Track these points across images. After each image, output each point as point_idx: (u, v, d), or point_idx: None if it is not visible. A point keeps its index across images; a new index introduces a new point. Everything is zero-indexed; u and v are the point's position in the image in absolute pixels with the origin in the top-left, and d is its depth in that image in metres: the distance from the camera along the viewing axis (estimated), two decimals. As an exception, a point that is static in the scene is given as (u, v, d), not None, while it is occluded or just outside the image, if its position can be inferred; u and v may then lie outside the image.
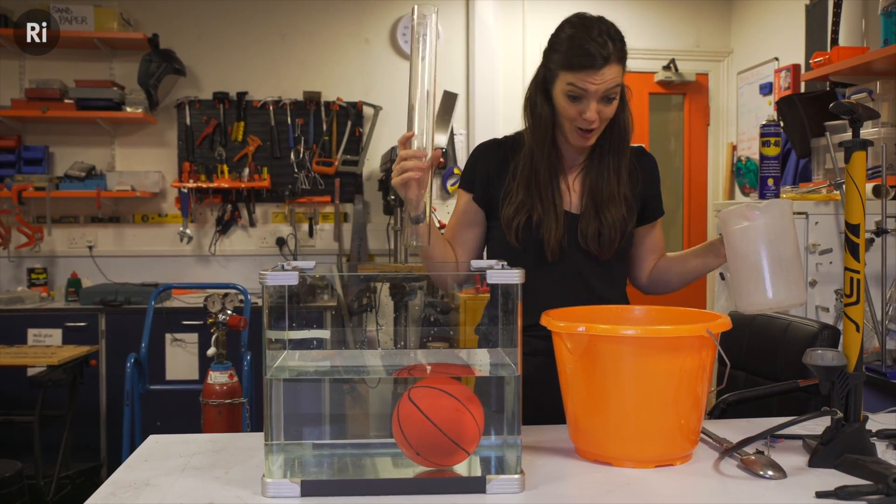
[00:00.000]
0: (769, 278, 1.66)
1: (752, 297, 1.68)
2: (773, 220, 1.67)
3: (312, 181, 5.16)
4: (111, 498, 1.37)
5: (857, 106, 1.59)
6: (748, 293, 1.69)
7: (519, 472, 1.40)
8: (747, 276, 1.68)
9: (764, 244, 1.66)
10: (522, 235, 1.91)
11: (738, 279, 1.71)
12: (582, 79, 1.81)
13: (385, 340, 2.09)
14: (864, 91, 3.45)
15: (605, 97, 1.83)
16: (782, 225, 1.68)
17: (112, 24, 4.80)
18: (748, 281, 1.68)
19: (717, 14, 5.44)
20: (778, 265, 1.66)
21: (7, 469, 3.35)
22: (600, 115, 1.84)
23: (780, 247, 1.67)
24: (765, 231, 1.66)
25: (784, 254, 1.67)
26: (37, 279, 4.94)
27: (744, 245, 1.68)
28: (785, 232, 1.68)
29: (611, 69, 1.81)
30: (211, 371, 3.14)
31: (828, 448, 1.51)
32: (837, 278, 3.14)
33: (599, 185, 1.92)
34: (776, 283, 1.66)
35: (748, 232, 1.67)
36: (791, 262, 1.67)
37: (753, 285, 1.67)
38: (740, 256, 1.70)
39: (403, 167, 1.66)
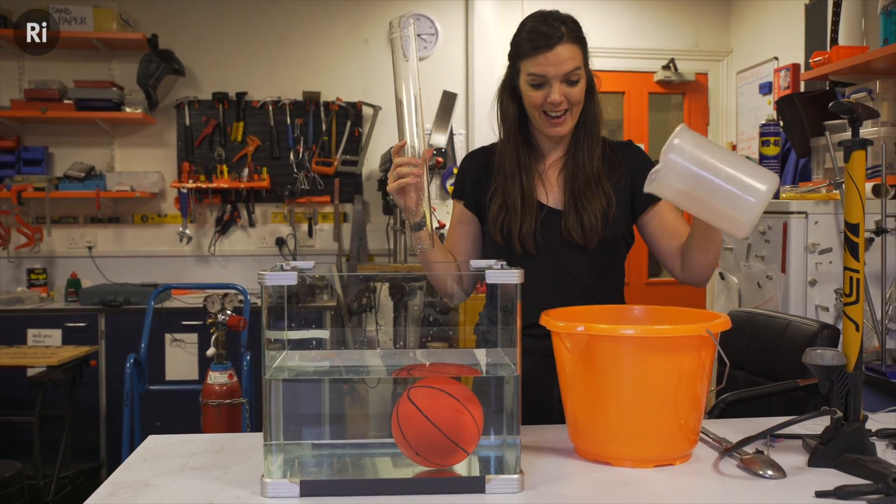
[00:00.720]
0: (741, 181, 1.52)
1: (740, 216, 1.53)
2: (693, 144, 1.54)
3: (312, 181, 5.16)
4: (110, 498, 1.37)
5: (856, 105, 1.59)
6: (738, 211, 1.53)
7: (518, 472, 1.40)
8: (724, 200, 1.53)
9: (704, 167, 1.52)
10: (507, 233, 1.94)
11: (718, 209, 1.55)
12: (540, 63, 1.84)
13: (384, 340, 2.10)
14: (863, 90, 3.44)
15: (566, 80, 1.85)
16: (699, 142, 1.56)
17: (111, 25, 4.80)
18: (727, 202, 1.52)
19: (717, 14, 5.44)
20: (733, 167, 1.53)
21: (7, 469, 3.36)
22: (568, 99, 1.86)
23: (718, 158, 1.54)
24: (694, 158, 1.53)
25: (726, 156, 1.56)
26: (36, 280, 4.94)
27: (694, 182, 1.53)
28: (706, 145, 1.56)
29: (565, 48, 1.83)
30: (210, 371, 3.14)
31: (827, 448, 1.51)
32: (837, 278, 3.14)
33: (576, 175, 1.94)
34: (749, 182, 1.52)
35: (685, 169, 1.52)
36: (736, 158, 1.58)
37: (735, 200, 1.52)
38: (701, 190, 1.54)
39: (399, 173, 1.67)
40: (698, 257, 1.84)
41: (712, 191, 1.53)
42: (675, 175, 1.54)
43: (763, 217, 3.34)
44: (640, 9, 5.37)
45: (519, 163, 1.96)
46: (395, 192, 1.69)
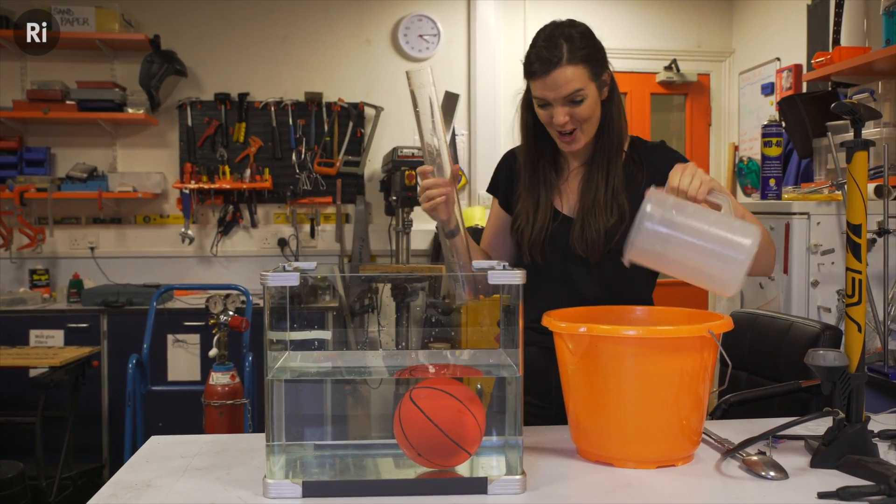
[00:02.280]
0: (722, 240, 1.50)
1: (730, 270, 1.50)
2: (663, 202, 1.52)
3: (314, 182, 5.16)
4: (113, 499, 1.37)
5: (858, 106, 1.59)
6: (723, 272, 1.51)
7: (520, 473, 1.40)
8: (707, 261, 1.51)
9: (682, 223, 1.51)
10: (520, 238, 1.98)
11: (703, 271, 1.54)
12: (539, 87, 1.85)
13: (386, 341, 2.10)
14: (865, 91, 3.44)
15: (569, 101, 1.83)
16: (671, 202, 1.53)
17: (113, 25, 4.80)
18: (711, 263, 1.51)
19: (719, 14, 5.44)
20: (711, 226, 1.51)
21: (9, 470, 3.35)
22: (573, 118, 1.85)
23: (692, 213, 1.52)
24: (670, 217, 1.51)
25: (700, 214, 1.53)
26: (38, 280, 4.94)
27: (674, 249, 1.52)
28: (680, 203, 1.53)
29: (563, 72, 1.81)
30: (212, 372, 3.14)
31: (830, 449, 1.51)
32: (839, 279, 3.14)
33: (590, 187, 1.93)
34: (731, 239, 1.50)
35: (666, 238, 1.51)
36: (711, 215, 1.53)
37: (719, 260, 1.50)
38: (683, 254, 1.52)
39: (429, 196, 1.76)
40: None
41: (696, 252, 1.51)
42: (651, 240, 1.52)
43: (765, 218, 3.36)
44: (642, 9, 5.36)
45: (535, 172, 1.98)
46: (428, 210, 1.78)
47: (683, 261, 1.54)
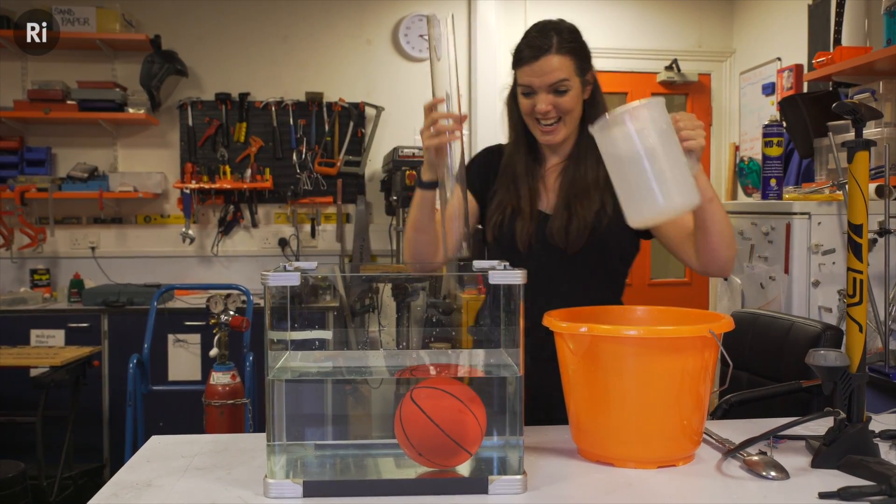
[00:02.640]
0: (666, 181, 1.50)
1: (649, 206, 1.51)
2: (656, 118, 1.52)
3: (314, 182, 5.16)
4: (113, 498, 1.37)
5: (859, 106, 1.59)
6: (643, 202, 1.52)
7: (521, 473, 1.40)
8: (639, 184, 1.51)
9: (651, 144, 1.50)
10: (497, 233, 1.97)
11: (629, 188, 1.54)
12: (526, 74, 1.89)
13: (387, 341, 2.10)
14: (866, 91, 3.44)
15: (554, 89, 1.88)
16: (664, 122, 1.52)
17: (114, 26, 4.81)
18: (640, 189, 1.51)
19: (720, 14, 5.43)
20: (670, 166, 1.50)
21: (10, 470, 3.36)
22: (557, 108, 1.89)
23: (668, 146, 1.51)
24: (650, 130, 1.51)
25: (673, 153, 1.52)
26: (39, 280, 4.95)
27: (628, 148, 1.51)
28: (668, 130, 1.53)
29: (550, 60, 1.87)
30: (213, 372, 3.14)
31: (831, 449, 1.51)
32: (840, 279, 3.14)
33: (573, 181, 1.95)
34: (672, 187, 1.50)
35: (634, 133, 1.50)
36: (680, 161, 1.53)
37: (647, 192, 1.50)
38: (628, 163, 1.52)
39: (440, 127, 1.69)
40: (700, 241, 1.81)
41: (639, 167, 1.51)
42: (621, 134, 1.52)
43: (766, 218, 3.36)
44: (643, 9, 5.36)
45: (525, 169, 2.00)
46: (432, 146, 1.71)
47: (625, 167, 1.53)
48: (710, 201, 1.72)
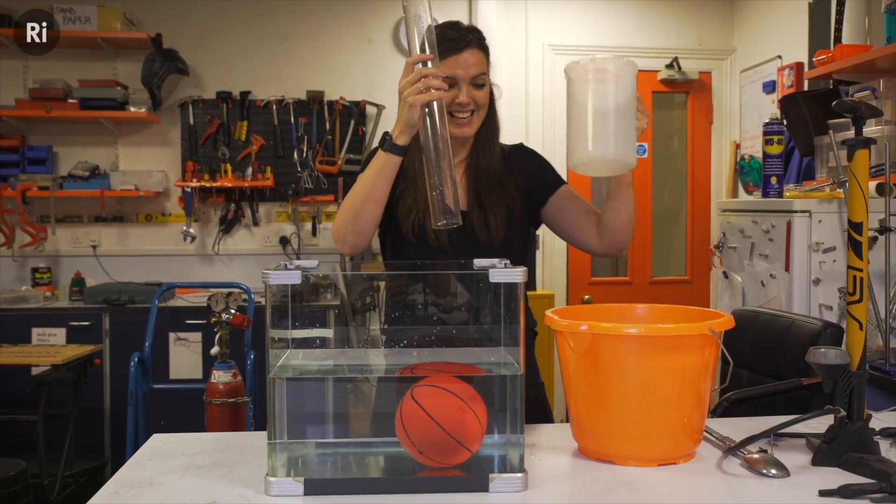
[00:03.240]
0: (623, 135, 1.66)
1: (601, 150, 1.67)
2: (628, 80, 1.67)
3: (315, 180, 5.16)
4: (115, 497, 1.38)
5: (860, 104, 1.59)
6: (595, 146, 1.67)
7: (522, 471, 1.40)
8: (598, 131, 1.66)
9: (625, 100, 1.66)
10: (418, 232, 1.98)
11: (585, 132, 1.68)
12: (450, 66, 1.92)
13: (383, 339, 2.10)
14: (867, 89, 3.44)
15: (474, 82, 1.95)
16: (632, 87, 1.68)
17: (115, 24, 4.81)
18: (599, 134, 1.66)
19: (720, 12, 5.43)
20: (628, 126, 1.67)
21: (11, 468, 3.36)
22: (475, 101, 1.96)
23: (629, 109, 1.67)
24: (616, 86, 1.66)
25: (632, 115, 1.68)
26: (41, 278, 4.95)
27: (595, 98, 1.66)
28: (632, 94, 1.68)
29: (473, 53, 1.95)
30: (214, 370, 3.15)
31: (831, 447, 1.51)
32: (841, 276, 3.14)
33: (479, 176, 2.02)
34: (627, 143, 1.67)
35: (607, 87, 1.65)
36: (633, 125, 1.69)
37: (603, 139, 1.66)
38: (590, 108, 1.67)
39: (428, 84, 1.69)
40: (609, 220, 1.95)
41: (602, 112, 1.64)
42: (596, 82, 1.65)
43: (767, 216, 3.36)
44: (644, 8, 5.36)
45: None
46: (420, 102, 1.68)
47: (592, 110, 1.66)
48: (629, 186, 1.91)
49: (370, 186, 1.84)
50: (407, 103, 1.70)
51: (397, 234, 2.03)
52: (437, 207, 1.66)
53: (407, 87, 1.70)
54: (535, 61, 5.25)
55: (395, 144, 1.78)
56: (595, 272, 5.40)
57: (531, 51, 5.23)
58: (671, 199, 5.64)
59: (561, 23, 5.25)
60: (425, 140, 1.68)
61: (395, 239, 2.06)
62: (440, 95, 1.69)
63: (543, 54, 5.24)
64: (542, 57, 5.24)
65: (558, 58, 5.25)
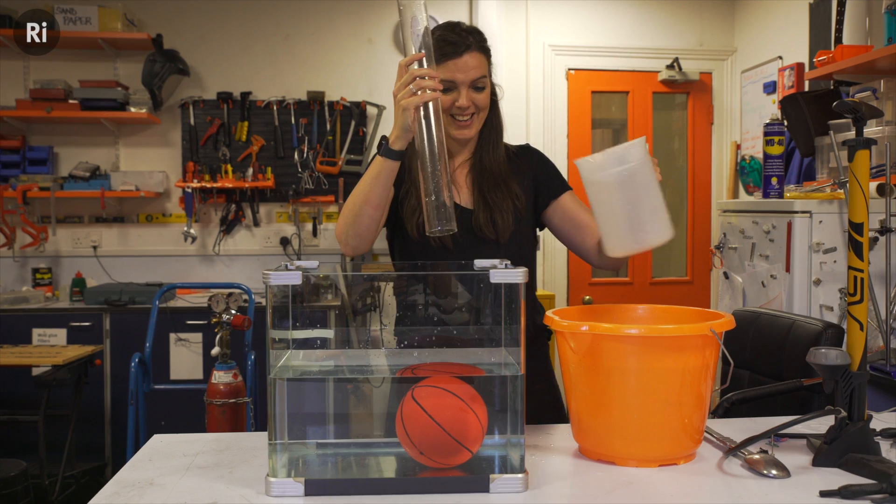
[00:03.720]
0: (646, 221, 1.62)
1: (638, 237, 1.64)
2: (647, 157, 1.62)
3: (316, 181, 5.17)
4: (115, 497, 1.38)
5: (860, 104, 1.59)
6: (634, 233, 1.63)
7: (522, 472, 1.40)
8: (630, 217, 1.63)
9: (633, 188, 1.61)
10: (423, 230, 1.94)
11: (612, 225, 1.66)
12: (450, 69, 1.91)
13: (388, 340, 2.10)
14: (867, 90, 3.44)
15: (474, 85, 1.94)
16: (649, 160, 1.63)
17: (116, 25, 4.81)
18: (631, 221, 1.63)
19: (721, 13, 5.43)
20: (650, 207, 1.62)
21: (12, 468, 3.36)
22: (475, 104, 1.96)
23: (649, 188, 1.62)
24: (632, 176, 1.60)
25: (652, 193, 1.63)
26: (41, 279, 4.95)
27: (612, 193, 1.62)
28: (649, 172, 1.63)
29: (473, 56, 1.93)
30: (215, 370, 3.15)
31: (832, 447, 1.51)
32: (841, 277, 3.14)
33: (483, 175, 2.02)
34: (653, 224, 1.63)
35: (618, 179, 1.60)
36: (659, 200, 1.64)
37: (637, 225, 1.63)
38: (611, 204, 1.63)
39: (421, 85, 1.65)
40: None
41: (622, 207, 1.61)
42: (617, 172, 1.60)
43: (767, 216, 3.36)
44: (644, 8, 5.36)
45: None
46: (413, 104, 1.64)
47: (618, 200, 1.62)
48: None
49: (368, 191, 1.84)
50: (401, 107, 1.67)
51: (404, 234, 2.02)
52: (431, 214, 1.62)
53: (400, 90, 1.67)
54: (535, 62, 5.25)
55: (391, 149, 1.76)
56: (596, 273, 5.40)
57: (532, 51, 5.23)
58: (672, 200, 5.64)
59: (561, 23, 5.25)
60: (420, 144, 1.65)
61: (401, 239, 2.05)
62: (434, 96, 1.65)
63: (544, 54, 5.24)
64: (543, 57, 5.24)
65: (559, 58, 5.26)
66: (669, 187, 5.64)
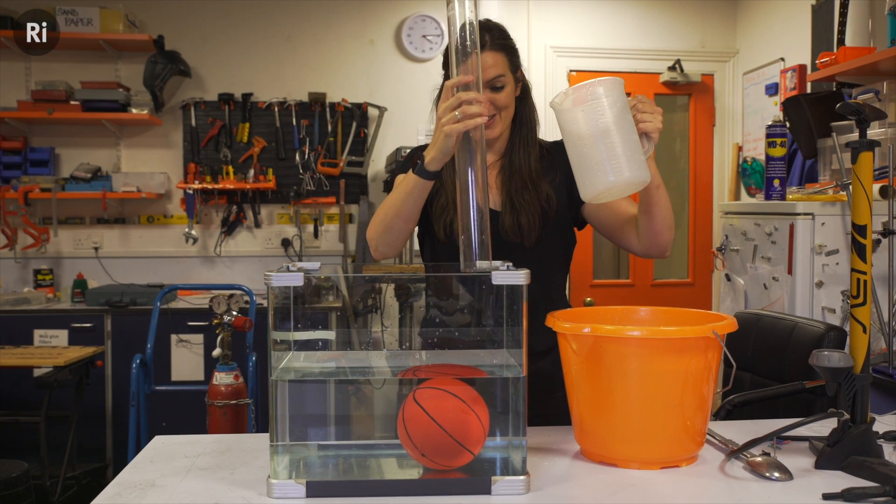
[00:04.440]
0: (618, 157, 1.54)
1: (601, 180, 1.56)
2: (613, 96, 1.55)
3: (317, 182, 5.17)
4: (117, 498, 1.38)
5: (863, 106, 1.58)
6: (596, 176, 1.56)
7: (524, 474, 1.40)
8: (592, 159, 1.55)
9: (607, 121, 1.54)
10: (450, 231, 1.96)
11: (582, 163, 1.57)
12: (464, 70, 1.82)
13: (390, 341, 2.10)
14: (870, 91, 3.44)
15: (490, 85, 1.90)
16: (620, 101, 1.56)
17: (117, 26, 4.81)
18: (594, 163, 1.55)
19: (723, 14, 5.43)
20: (623, 143, 1.55)
21: (13, 469, 3.36)
22: (493, 104, 1.92)
23: (622, 124, 1.56)
24: (606, 108, 1.54)
25: (626, 131, 1.56)
26: (43, 280, 4.95)
27: (585, 123, 1.55)
28: (624, 109, 1.57)
29: (487, 56, 1.89)
30: (216, 372, 3.15)
31: (834, 450, 1.51)
32: (844, 279, 3.13)
33: (512, 176, 1.98)
34: (623, 163, 1.55)
35: (593, 110, 1.54)
36: (633, 140, 1.58)
37: (599, 167, 1.55)
38: (584, 137, 1.56)
39: (467, 111, 1.60)
40: (643, 224, 1.88)
41: (595, 141, 1.55)
42: (579, 109, 1.55)
43: (770, 218, 3.36)
44: (646, 10, 5.36)
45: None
46: (456, 131, 1.60)
47: (580, 141, 1.57)
48: (658, 188, 1.80)
49: (399, 205, 1.83)
50: (443, 132, 1.62)
51: (432, 234, 2.01)
52: (465, 252, 1.57)
53: (445, 114, 1.61)
54: (537, 63, 5.25)
55: (426, 170, 1.73)
56: (597, 274, 5.40)
57: (533, 53, 5.23)
58: (673, 202, 5.58)
59: (563, 25, 5.25)
60: (462, 172, 1.59)
61: (430, 239, 2.04)
62: (479, 123, 1.60)
63: (546, 56, 5.24)
64: (545, 59, 5.24)
65: (561, 59, 5.26)
66: (671, 189, 5.64)
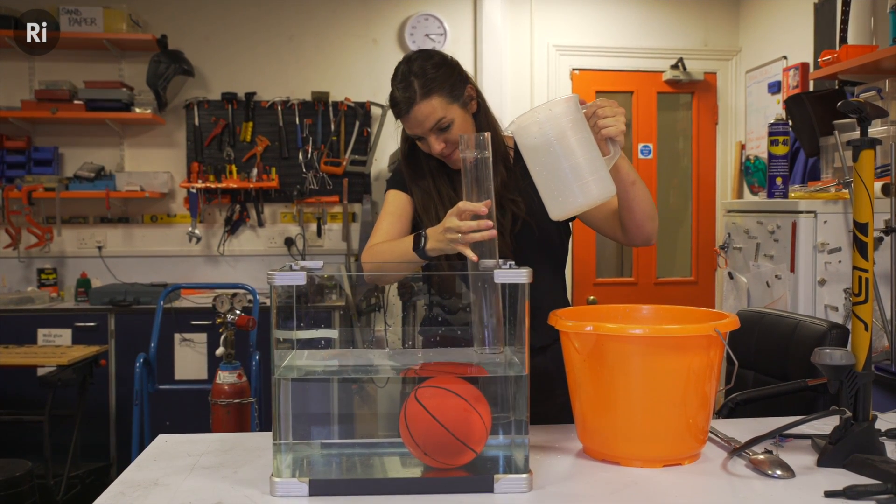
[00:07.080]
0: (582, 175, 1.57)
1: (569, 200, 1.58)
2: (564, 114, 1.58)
3: (321, 181, 5.17)
4: (120, 497, 1.38)
5: (865, 104, 1.59)
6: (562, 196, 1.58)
7: (527, 472, 1.40)
8: (557, 180, 1.58)
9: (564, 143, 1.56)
10: None
11: (547, 184, 1.60)
12: (407, 125, 1.92)
13: (393, 340, 2.11)
14: (872, 89, 3.43)
15: (437, 129, 1.90)
16: (573, 118, 1.59)
17: (121, 25, 4.82)
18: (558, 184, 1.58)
19: (726, 13, 5.42)
20: (585, 160, 1.57)
21: (17, 468, 3.37)
22: (448, 142, 1.92)
23: (580, 141, 1.58)
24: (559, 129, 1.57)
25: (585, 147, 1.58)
26: (46, 279, 4.96)
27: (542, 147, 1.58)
28: (579, 124, 1.59)
29: (420, 109, 1.88)
30: (219, 371, 3.15)
31: (836, 447, 1.51)
32: (846, 277, 3.13)
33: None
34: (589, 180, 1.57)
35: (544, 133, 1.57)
36: (594, 154, 1.59)
37: (565, 187, 1.57)
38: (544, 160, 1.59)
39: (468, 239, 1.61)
40: (625, 218, 1.89)
41: (556, 164, 1.57)
42: (540, 129, 1.57)
43: (772, 217, 3.36)
44: (649, 8, 5.36)
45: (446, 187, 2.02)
46: (460, 245, 1.63)
47: (542, 164, 1.59)
48: (633, 184, 1.81)
49: (395, 265, 1.87)
50: (448, 238, 1.65)
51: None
52: (477, 339, 1.60)
53: (453, 224, 1.63)
54: (539, 62, 5.25)
55: (424, 251, 1.74)
56: (600, 273, 5.40)
57: (536, 51, 5.23)
58: (676, 200, 5.63)
59: (566, 23, 5.25)
60: (475, 279, 1.62)
61: None
62: (489, 236, 1.60)
63: (548, 55, 5.24)
64: (548, 58, 5.24)
65: (563, 58, 5.25)
66: (674, 187, 5.63)
